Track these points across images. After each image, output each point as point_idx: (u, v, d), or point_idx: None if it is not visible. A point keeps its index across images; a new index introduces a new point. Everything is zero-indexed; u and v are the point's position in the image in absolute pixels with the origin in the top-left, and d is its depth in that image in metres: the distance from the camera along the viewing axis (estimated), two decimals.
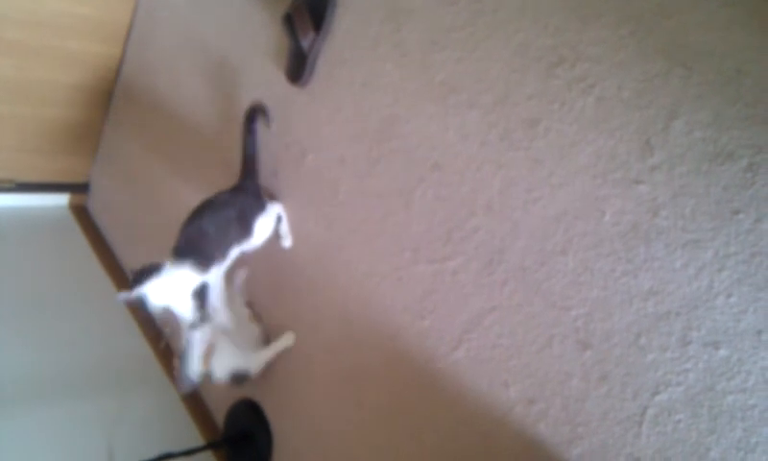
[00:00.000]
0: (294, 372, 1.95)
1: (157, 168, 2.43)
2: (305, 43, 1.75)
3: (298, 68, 1.82)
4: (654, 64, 1.22)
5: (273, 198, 1.96)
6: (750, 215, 1.12)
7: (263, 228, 1.83)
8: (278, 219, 1.90)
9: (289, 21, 1.75)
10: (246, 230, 1.78)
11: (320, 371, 1.88)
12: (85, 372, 2.21)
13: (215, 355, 1.86)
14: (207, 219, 1.72)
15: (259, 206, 1.83)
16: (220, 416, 2.24)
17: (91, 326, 2.38)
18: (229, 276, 2.03)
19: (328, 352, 1.85)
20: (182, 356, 1.81)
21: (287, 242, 1.91)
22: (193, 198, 1.87)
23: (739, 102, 1.13)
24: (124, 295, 1.63)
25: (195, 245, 1.69)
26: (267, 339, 2.01)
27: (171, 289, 1.65)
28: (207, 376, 1.87)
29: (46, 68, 2.33)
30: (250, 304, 2.06)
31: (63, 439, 2.00)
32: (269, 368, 1.99)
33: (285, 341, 1.95)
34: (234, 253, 1.78)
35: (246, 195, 1.83)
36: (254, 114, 1.85)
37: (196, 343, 1.80)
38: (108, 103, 2.62)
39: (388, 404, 1.71)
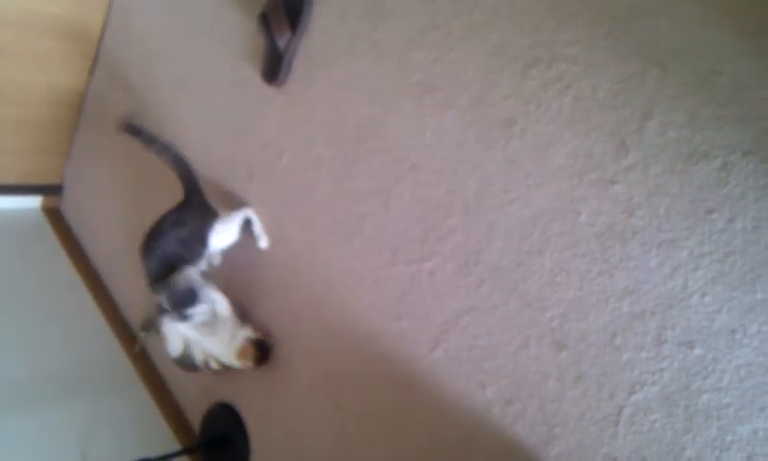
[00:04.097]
0: (271, 374, 1.93)
1: (132, 169, 2.40)
2: (281, 43, 1.74)
3: (274, 68, 1.80)
4: (629, 65, 1.22)
5: (239, 203, 1.95)
6: (724, 215, 1.13)
7: (222, 235, 1.83)
8: (249, 222, 1.89)
9: (265, 20, 1.73)
10: (200, 243, 1.80)
11: (297, 373, 1.87)
12: (58, 377, 2.17)
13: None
14: (165, 243, 1.76)
15: (209, 217, 1.83)
16: (196, 420, 2.22)
17: (64, 330, 2.34)
18: None
19: (305, 354, 1.84)
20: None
21: (263, 243, 1.90)
22: (167, 199, 1.85)
23: (713, 102, 1.13)
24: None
25: (167, 269, 1.76)
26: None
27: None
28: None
29: (18, 68, 2.28)
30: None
31: (36, 446, 1.96)
32: (246, 371, 1.97)
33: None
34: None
35: (191, 209, 1.84)
36: (148, 137, 1.95)
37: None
38: (82, 102, 2.58)
39: (366, 406, 1.69)
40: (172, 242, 1.76)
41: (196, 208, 1.84)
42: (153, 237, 1.77)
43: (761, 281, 1.10)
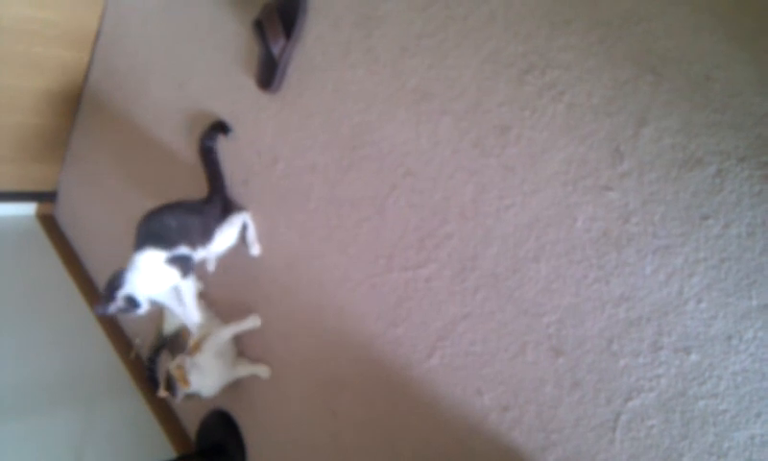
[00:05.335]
0: (266, 381, 1.93)
1: (127, 175, 2.39)
2: (276, 50, 1.73)
3: (268, 75, 1.80)
4: (623, 71, 1.22)
5: (239, 206, 1.95)
6: (719, 221, 1.13)
7: (225, 237, 1.86)
8: (245, 227, 1.89)
9: (260, 27, 1.73)
10: (206, 236, 1.81)
11: (293, 380, 1.86)
12: (54, 384, 2.16)
13: (204, 375, 1.83)
14: (169, 215, 1.75)
15: (222, 217, 1.88)
16: (192, 428, 2.21)
17: (59, 337, 2.34)
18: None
19: (301, 361, 1.83)
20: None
21: (254, 250, 1.90)
22: None
23: (708, 108, 1.13)
24: (103, 309, 1.66)
25: (155, 234, 1.71)
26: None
27: (149, 274, 1.69)
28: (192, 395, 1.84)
29: (11, 74, 2.28)
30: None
31: (31, 453, 1.95)
32: (241, 379, 1.96)
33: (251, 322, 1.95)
34: (195, 256, 1.80)
35: (212, 206, 1.89)
36: (211, 134, 1.96)
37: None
38: (76, 109, 2.58)
39: (362, 413, 1.69)
40: (179, 218, 1.76)
41: (215, 207, 1.90)
42: (163, 208, 1.78)
43: (757, 287, 1.10)
